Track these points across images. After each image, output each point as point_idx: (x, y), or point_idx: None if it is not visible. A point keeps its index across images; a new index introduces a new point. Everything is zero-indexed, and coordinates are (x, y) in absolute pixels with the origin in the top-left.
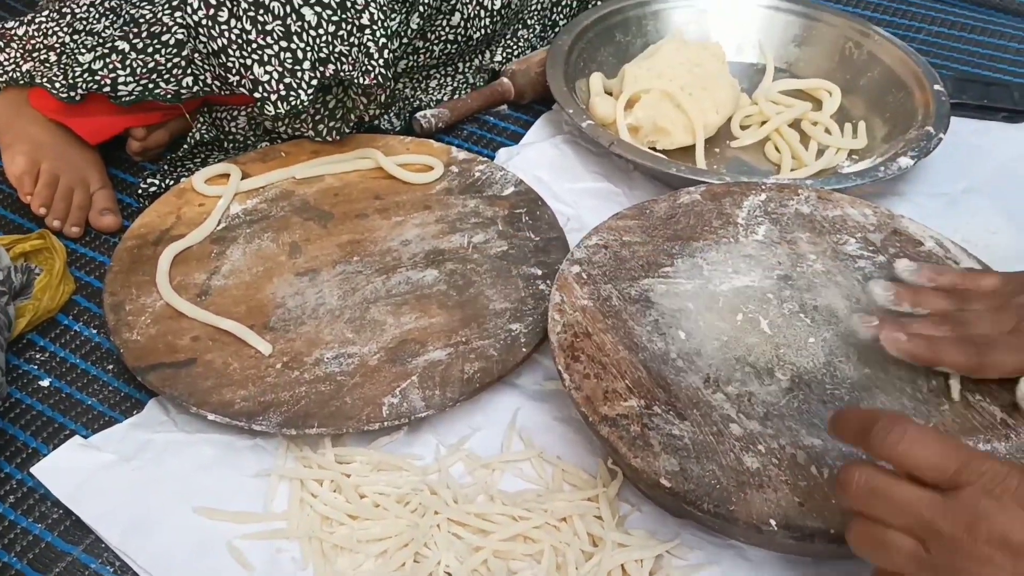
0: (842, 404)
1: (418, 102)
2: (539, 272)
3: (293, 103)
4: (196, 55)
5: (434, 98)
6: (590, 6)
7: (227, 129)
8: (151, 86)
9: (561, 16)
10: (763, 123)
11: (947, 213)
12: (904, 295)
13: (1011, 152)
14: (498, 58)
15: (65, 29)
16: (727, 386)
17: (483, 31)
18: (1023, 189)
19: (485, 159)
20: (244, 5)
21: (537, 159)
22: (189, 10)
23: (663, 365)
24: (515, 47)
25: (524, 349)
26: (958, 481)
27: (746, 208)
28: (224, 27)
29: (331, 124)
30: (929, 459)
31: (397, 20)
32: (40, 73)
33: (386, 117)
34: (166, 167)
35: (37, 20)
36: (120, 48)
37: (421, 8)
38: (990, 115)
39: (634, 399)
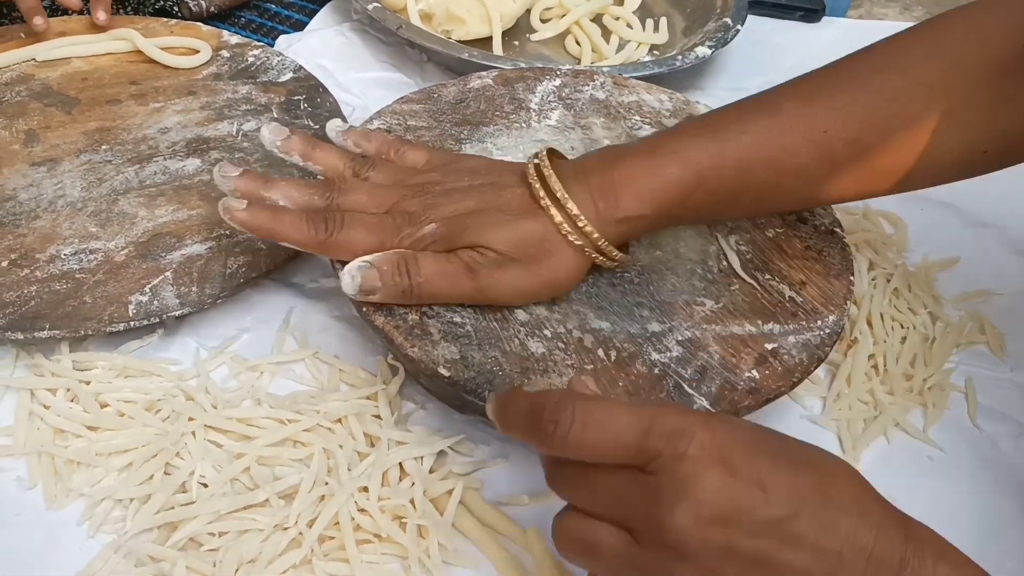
0: (632, 286)
1: None
2: None
3: None
4: None
5: None
6: None
7: None
8: None
9: None
10: (563, 16)
11: None
12: (293, 145)
13: (808, 50)
14: None
15: None
16: None
17: None
18: None
19: (261, 44)
20: None
21: (321, 47)
22: None
23: None
24: None
25: None
26: (648, 454)
27: (539, 93)
28: None
29: None
30: (608, 441)
31: None
32: None
33: None
34: None
35: None
36: None
37: None
38: (788, 14)
39: None
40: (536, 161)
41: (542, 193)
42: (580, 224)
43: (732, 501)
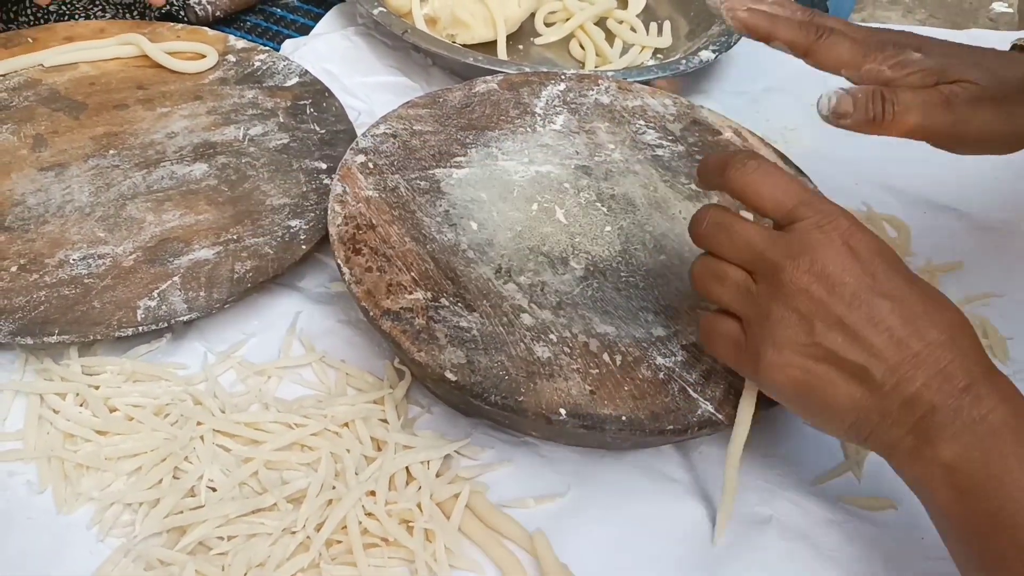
0: (637, 291)
1: None
2: (323, 166)
3: None
4: None
5: None
6: None
7: None
8: None
9: None
10: (568, 20)
11: (748, 110)
12: None
13: None
14: None
15: None
16: (519, 276)
17: None
18: (821, 88)
19: (267, 49)
20: None
21: (327, 51)
22: None
23: (453, 256)
24: None
25: (304, 247)
26: (794, 216)
27: (544, 98)
28: None
29: None
30: (772, 192)
31: None
32: None
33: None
34: None
35: None
36: None
37: None
38: None
39: (420, 292)
40: None
41: None
42: None
43: (844, 272)
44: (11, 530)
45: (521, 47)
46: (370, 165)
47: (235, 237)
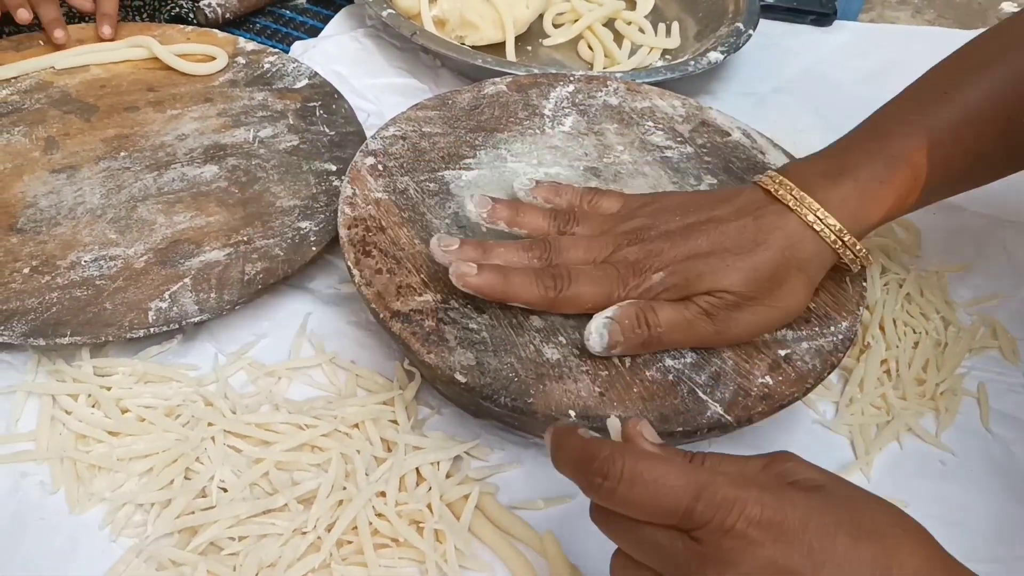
0: None
1: None
2: (333, 168)
3: None
4: None
5: None
6: None
7: None
8: None
9: None
10: (576, 21)
11: (757, 111)
12: (500, 213)
13: (819, 54)
14: None
15: None
16: None
17: None
18: (829, 89)
19: (276, 51)
20: None
21: (336, 53)
22: None
23: None
24: None
25: (314, 248)
26: (693, 521)
27: (553, 99)
28: None
29: None
30: (655, 503)
31: None
32: None
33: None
34: None
35: None
36: None
37: None
38: (799, 18)
39: (429, 294)
40: (766, 178)
41: (788, 196)
42: (829, 222)
43: (775, 571)
44: (24, 531)
45: (529, 48)
46: (380, 167)
47: (245, 239)
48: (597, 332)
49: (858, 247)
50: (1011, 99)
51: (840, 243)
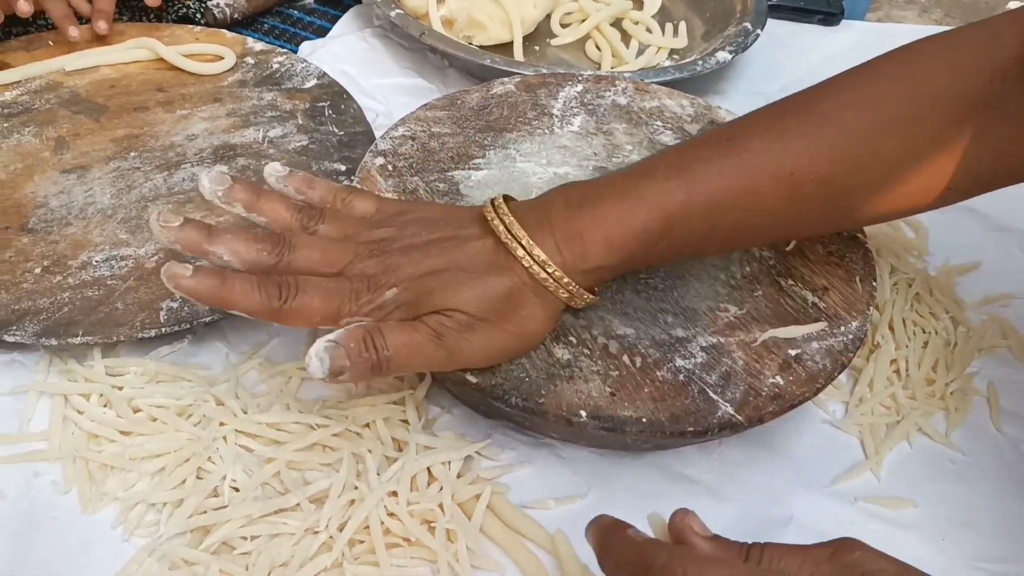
0: (656, 292)
1: None
2: (343, 168)
3: None
4: None
5: None
6: None
7: None
8: None
9: None
10: (583, 21)
11: None
12: (238, 194)
13: (825, 53)
14: None
15: None
16: None
17: None
18: None
19: (285, 51)
20: None
21: (344, 53)
22: None
23: None
24: None
25: None
26: None
27: (562, 99)
28: None
29: None
30: None
31: None
32: None
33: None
34: None
35: None
36: None
37: None
38: (807, 18)
39: None
40: (495, 208)
41: (509, 238)
42: (549, 270)
43: None
44: (37, 530)
45: (537, 48)
46: (389, 167)
47: None
48: (317, 357)
49: (586, 297)
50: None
51: (556, 285)
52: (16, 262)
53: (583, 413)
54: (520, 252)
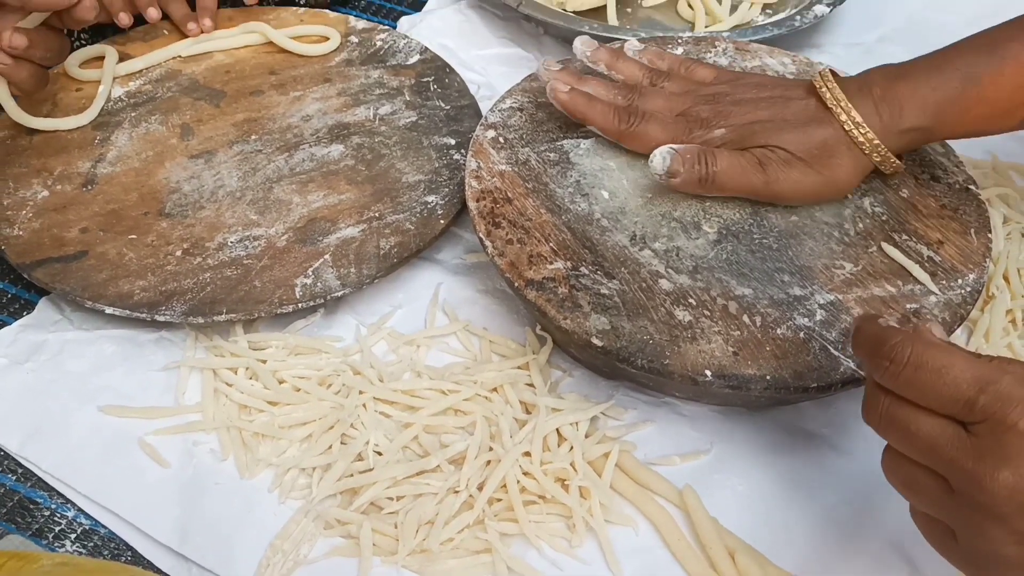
0: (771, 252)
1: None
2: (452, 141)
3: None
4: None
5: None
6: None
7: None
8: None
9: None
10: None
11: (863, 62)
12: (601, 55)
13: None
14: None
15: None
16: (654, 242)
17: None
18: (936, 33)
19: (386, 28)
20: None
21: (442, 26)
22: None
23: (588, 226)
24: None
25: (442, 221)
26: (976, 413)
27: None
28: None
29: None
30: (938, 389)
31: None
32: None
33: None
34: None
35: None
36: None
37: None
38: None
39: (560, 261)
40: (821, 77)
41: (833, 102)
42: (862, 131)
43: None
44: (203, 494)
45: (629, 10)
46: (500, 140)
47: (377, 215)
48: (660, 156)
49: (893, 161)
50: None
51: (871, 148)
52: (158, 246)
53: (708, 373)
54: (843, 116)
